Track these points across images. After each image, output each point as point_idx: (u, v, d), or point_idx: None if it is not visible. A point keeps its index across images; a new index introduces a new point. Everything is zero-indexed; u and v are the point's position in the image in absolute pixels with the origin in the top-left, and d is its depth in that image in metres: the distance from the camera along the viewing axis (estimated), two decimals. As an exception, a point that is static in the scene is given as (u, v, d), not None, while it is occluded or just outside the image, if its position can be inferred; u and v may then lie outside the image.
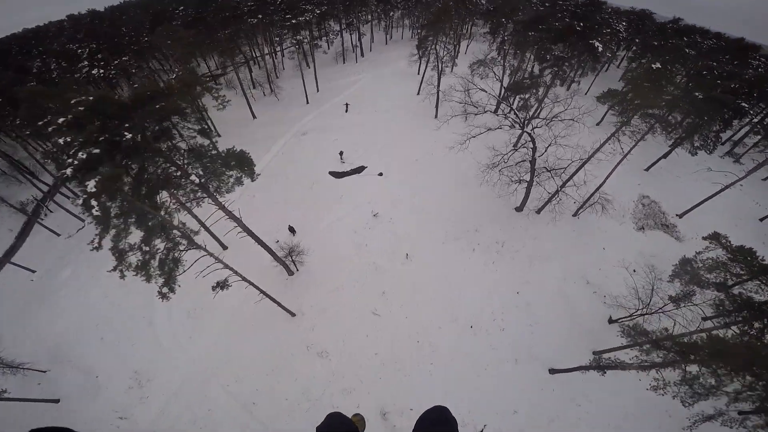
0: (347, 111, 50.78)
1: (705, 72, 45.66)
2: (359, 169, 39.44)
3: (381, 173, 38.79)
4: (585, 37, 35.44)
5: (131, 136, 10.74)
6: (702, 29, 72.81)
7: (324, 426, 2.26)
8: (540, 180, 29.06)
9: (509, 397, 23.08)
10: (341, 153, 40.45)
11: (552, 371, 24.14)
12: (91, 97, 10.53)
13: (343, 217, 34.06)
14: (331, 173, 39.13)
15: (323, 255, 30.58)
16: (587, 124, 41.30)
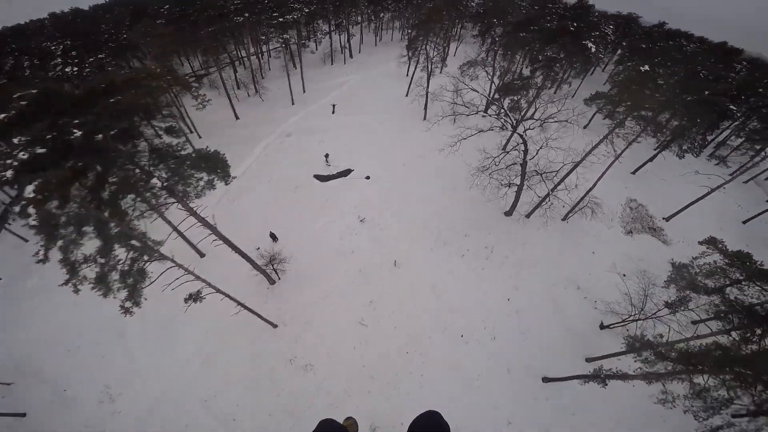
0: (334, 112, 49.69)
1: (692, 75, 45.86)
2: (345, 173, 38.32)
3: (368, 177, 37.75)
4: (578, 38, 35.08)
5: (82, 133, 9.50)
6: (686, 33, 73.94)
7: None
8: (530, 184, 28.41)
9: (503, 408, 22.52)
10: (327, 156, 39.26)
11: (545, 380, 23.65)
12: (36, 90, 9.27)
13: (329, 223, 32.93)
14: (316, 177, 37.91)
15: (307, 263, 29.42)
16: (577, 126, 41.09)
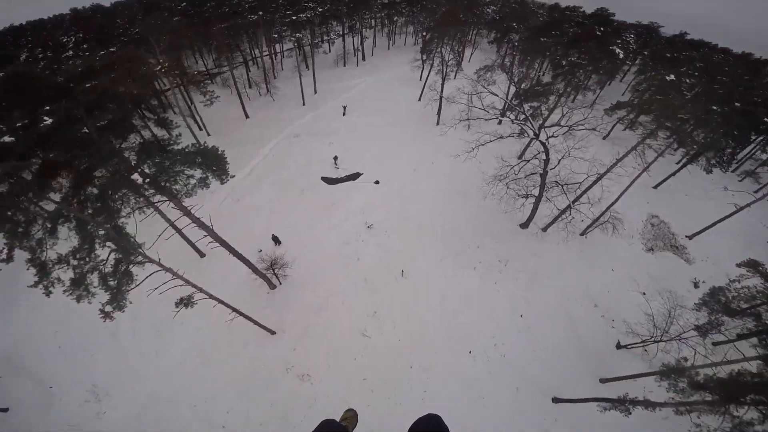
0: (345, 114, 48.71)
1: (722, 85, 44.03)
2: (354, 176, 37.13)
3: (377, 181, 36.53)
4: (605, 43, 33.59)
5: (54, 122, 8.43)
6: (708, 44, 72.04)
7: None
8: (550, 195, 26.94)
9: (509, 428, 21.32)
10: (336, 158, 38.15)
11: (555, 400, 22.44)
12: (4, 73, 8.25)
13: (334, 228, 31.72)
14: (324, 179, 36.80)
15: (310, 268, 28.28)
16: (599, 136, 39.42)
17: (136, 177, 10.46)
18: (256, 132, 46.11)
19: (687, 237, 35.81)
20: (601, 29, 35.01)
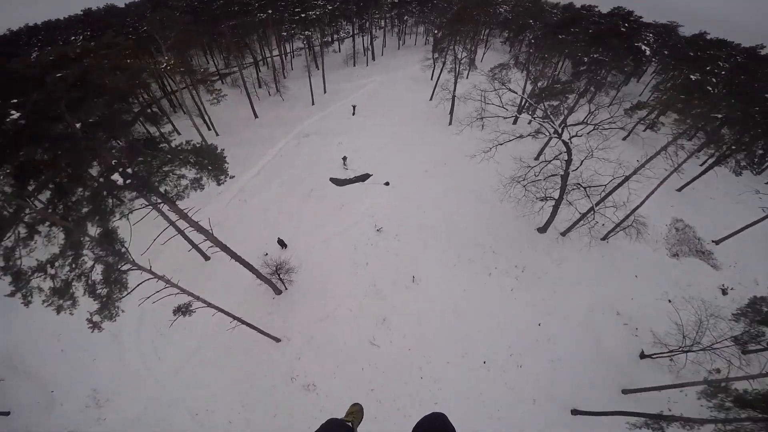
0: (354, 114, 47.70)
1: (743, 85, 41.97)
2: (363, 177, 36.01)
3: (387, 183, 35.35)
4: (629, 39, 31.94)
5: (19, 116, 7.48)
6: (731, 43, 69.74)
7: (320, 431, 2.29)
8: (570, 199, 25.44)
9: None
10: (345, 158, 37.08)
11: (575, 412, 21.35)
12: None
13: (343, 231, 30.59)
14: (333, 180, 35.74)
15: (317, 273, 27.24)
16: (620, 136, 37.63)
17: (116, 178, 9.45)
18: (265, 132, 45.49)
19: (713, 242, 34.06)
20: (625, 25, 33.36)
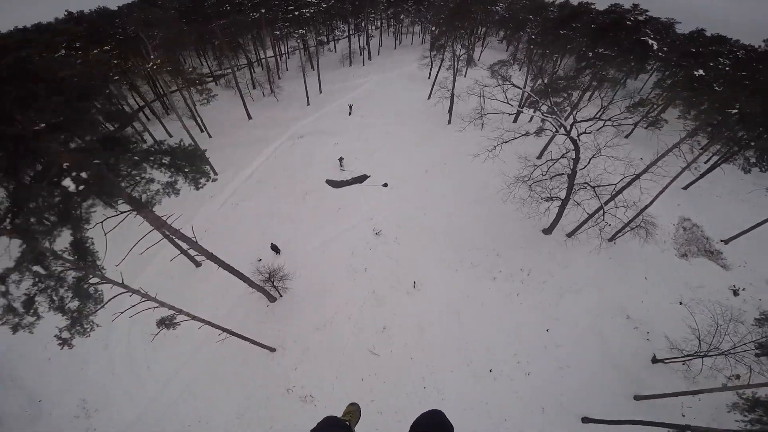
0: (351, 113, 46.57)
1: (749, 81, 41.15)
2: (361, 179, 34.81)
3: (386, 184, 34.17)
4: (635, 33, 30.95)
5: None
6: (730, 39, 69.38)
7: (317, 429, 2.27)
8: (578, 198, 24.34)
9: None
10: (341, 159, 35.87)
11: (585, 420, 20.47)
12: None
13: (340, 235, 29.37)
14: (329, 182, 34.51)
15: (313, 279, 26.01)
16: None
17: (67, 184, 8.22)
18: (258, 133, 44.35)
19: (722, 241, 33.09)
20: (631, 19, 32.44)
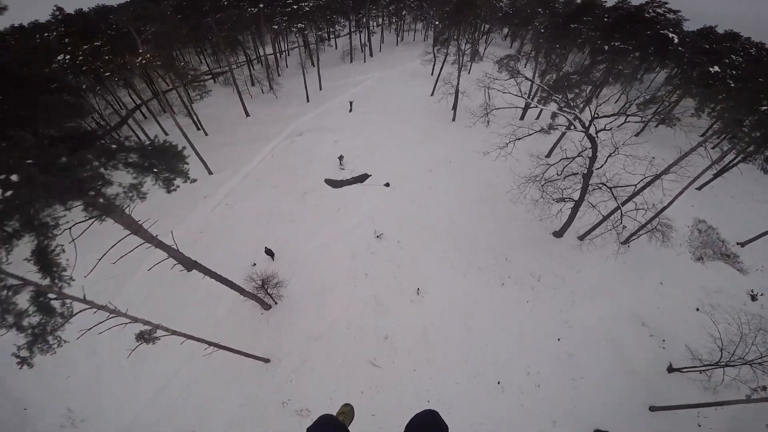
0: (351, 110, 45.22)
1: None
2: (362, 178, 33.40)
3: (388, 184, 32.76)
4: (654, 26, 29.43)
5: None
6: (740, 36, 68.00)
7: (313, 427, 2.25)
8: (592, 199, 22.91)
9: None
10: (341, 157, 34.46)
11: None
12: None
13: (339, 237, 27.98)
14: (328, 181, 33.09)
15: (311, 285, 24.65)
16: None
17: None
18: (256, 131, 43.13)
19: (738, 244, 31.66)
20: (650, 11, 30.97)
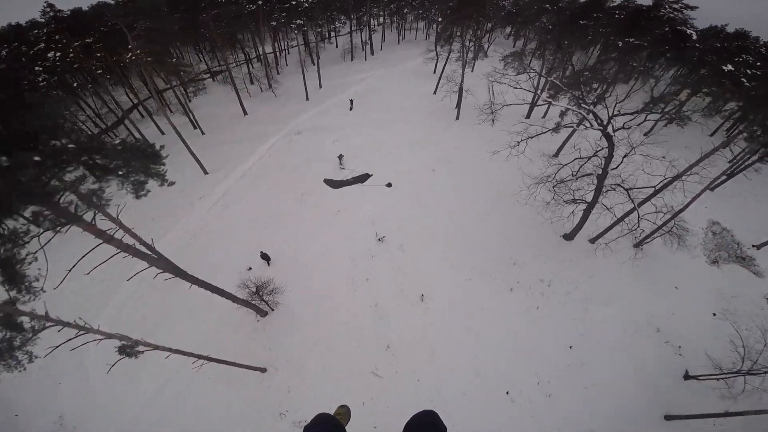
0: (352, 108, 44.13)
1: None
2: (362, 178, 32.24)
3: (389, 184, 31.59)
4: (672, 23, 28.32)
5: None
6: (748, 35, 66.97)
7: (311, 425, 2.23)
8: (606, 201, 21.76)
9: None
10: (341, 157, 33.28)
11: None
12: None
13: (339, 241, 26.88)
14: (327, 181, 31.93)
15: (309, 291, 23.58)
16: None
17: None
18: (254, 129, 42.12)
19: (754, 246, 30.48)
20: (666, 7, 29.88)
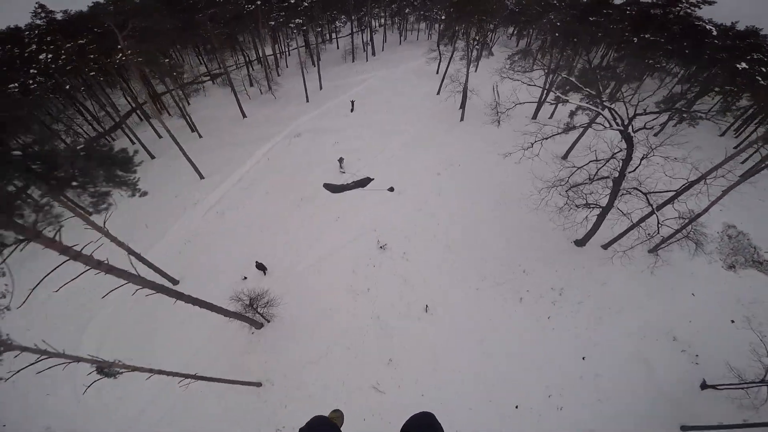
0: (353, 110, 43.20)
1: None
2: (363, 182, 31.24)
3: (392, 188, 30.57)
4: (687, 18, 27.22)
5: None
6: (759, 32, 65.78)
7: (307, 428, 2.25)
8: (622, 206, 20.65)
9: None
10: (341, 160, 32.27)
11: None
12: None
13: (339, 248, 25.91)
14: (327, 186, 30.92)
15: (307, 301, 22.64)
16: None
17: None
18: (253, 132, 41.29)
19: (772, 250, 29.38)
20: (682, 2, 28.81)
